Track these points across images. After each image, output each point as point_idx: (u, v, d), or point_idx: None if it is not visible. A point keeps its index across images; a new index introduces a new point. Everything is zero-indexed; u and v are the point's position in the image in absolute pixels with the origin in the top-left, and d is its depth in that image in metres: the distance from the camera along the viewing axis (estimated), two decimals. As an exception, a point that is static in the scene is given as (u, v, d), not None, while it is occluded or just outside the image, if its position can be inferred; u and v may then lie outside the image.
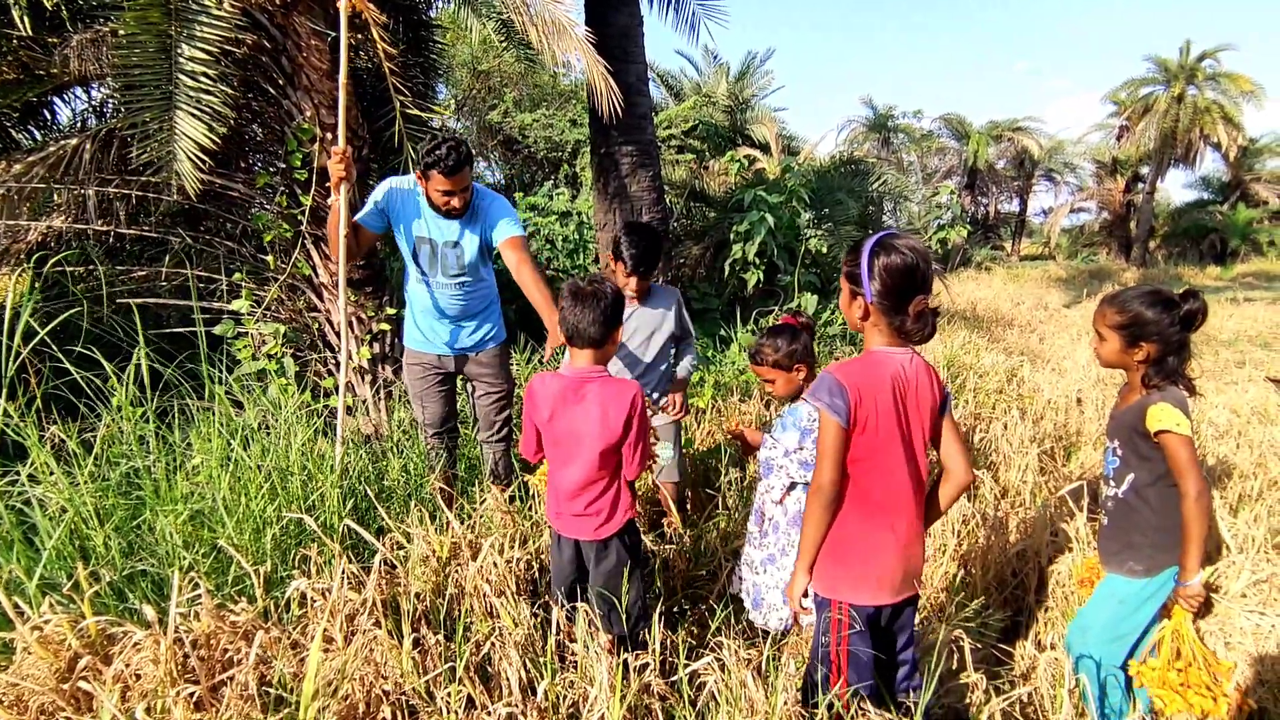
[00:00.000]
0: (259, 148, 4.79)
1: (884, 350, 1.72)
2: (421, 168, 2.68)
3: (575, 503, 2.06)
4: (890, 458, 1.71)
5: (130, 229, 4.54)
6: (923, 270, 1.63)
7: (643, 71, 5.58)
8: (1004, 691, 1.87)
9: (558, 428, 2.04)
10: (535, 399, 2.08)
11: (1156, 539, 1.96)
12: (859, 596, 1.76)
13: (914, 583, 1.80)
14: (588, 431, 2.00)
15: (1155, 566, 1.97)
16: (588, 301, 1.98)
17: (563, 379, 2.04)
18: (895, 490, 1.73)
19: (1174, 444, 1.87)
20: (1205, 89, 21.62)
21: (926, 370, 1.76)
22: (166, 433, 2.71)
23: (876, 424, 1.68)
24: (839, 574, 1.78)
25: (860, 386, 1.66)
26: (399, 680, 1.73)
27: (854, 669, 1.78)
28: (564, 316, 2.01)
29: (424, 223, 2.84)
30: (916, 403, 1.72)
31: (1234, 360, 7.44)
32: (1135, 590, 1.99)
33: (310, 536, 2.30)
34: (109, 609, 1.90)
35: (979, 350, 6.53)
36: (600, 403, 1.99)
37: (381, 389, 4.20)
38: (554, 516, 2.15)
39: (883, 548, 1.75)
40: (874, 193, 9.59)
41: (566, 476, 2.06)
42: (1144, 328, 1.91)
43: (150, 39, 3.51)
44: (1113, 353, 2.00)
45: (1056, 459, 4.12)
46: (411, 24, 5.34)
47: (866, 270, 1.65)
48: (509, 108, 11.02)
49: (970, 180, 25.44)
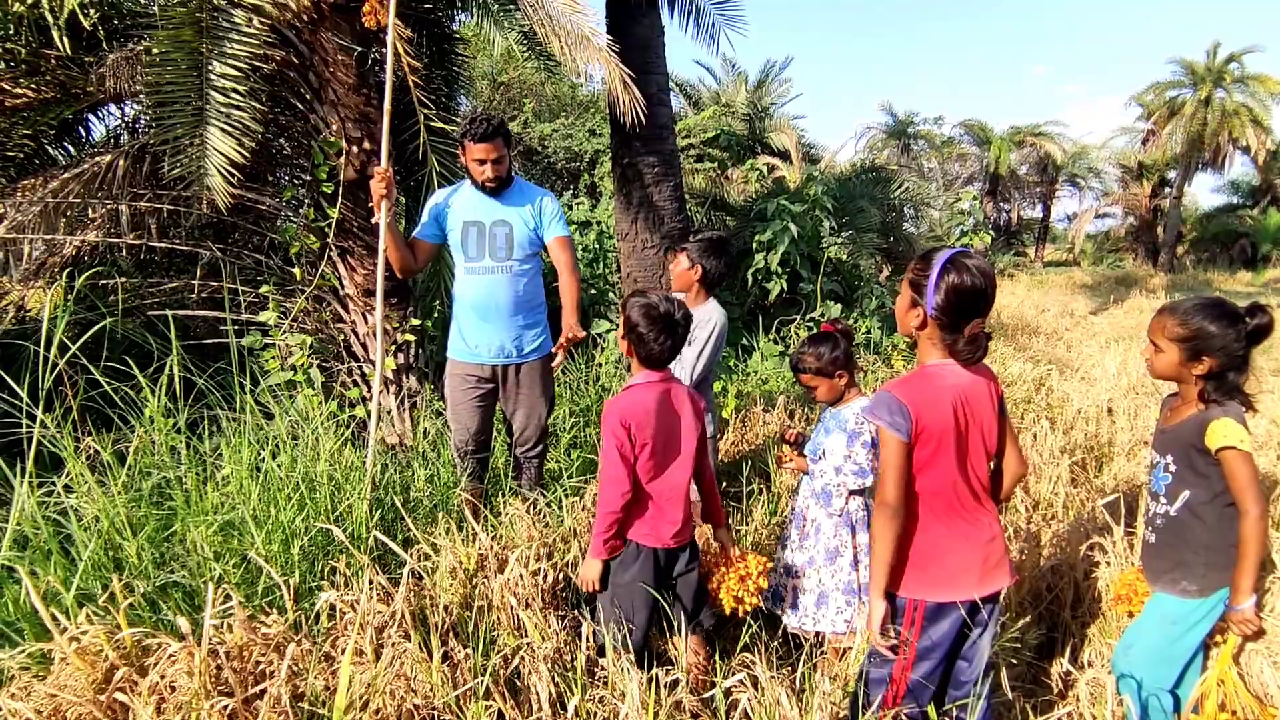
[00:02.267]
0: (286, 161, 4.86)
1: (940, 364, 1.73)
2: (459, 140, 2.96)
3: (682, 504, 2.12)
4: (952, 467, 1.73)
5: (161, 242, 4.61)
6: (989, 296, 1.66)
7: (664, 82, 5.59)
8: (1042, 711, 1.82)
9: (660, 437, 2.08)
10: (638, 417, 2.04)
11: (1211, 558, 1.90)
12: (939, 594, 1.77)
13: (1002, 576, 1.81)
14: (684, 430, 2.11)
15: (1209, 586, 1.92)
16: (665, 324, 2.04)
17: (651, 386, 2.09)
18: (962, 495, 1.76)
19: (1235, 461, 1.82)
20: (1233, 91, 21.26)
21: (985, 375, 1.79)
22: (197, 443, 2.74)
23: (938, 438, 1.70)
24: (928, 577, 1.78)
25: (919, 404, 1.69)
26: (429, 694, 1.73)
27: (921, 667, 1.78)
28: (642, 335, 2.04)
29: (470, 205, 3.02)
30: (976, 412, 1.75)
31: (1270, 369, 7.25)
32: (1187, 611, 1.94)
33: (339, 548, 2.31)
34: (143, 620, 1.91)
35: (1005, 359, 6.44)
36: (688, 402, 2.14)
37: (406, 399, 4.23)
38: (650, 532, 2.10)
39: (957, 549, 1.77)
40: (896, 200, 9.52)
41: (676, 481, 2.11)
42: (1208, 341, 1.85)
43: (182, 56, 3.58)
44: (1170, 365, 1.93)
45: (1089, 470, 4.04)
46: (434, 37, 5.40)
47: (934, 283, 1.66)
48: (529, 118, 11.10)
49: (992, 186, 25.17)
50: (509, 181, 3.04)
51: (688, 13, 6.16)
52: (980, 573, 1.77)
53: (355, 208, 4.17)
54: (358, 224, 4.18)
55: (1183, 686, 2.03)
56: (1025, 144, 24.83)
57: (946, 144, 24.54)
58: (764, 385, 5.17)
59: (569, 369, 4.69)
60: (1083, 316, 11.61)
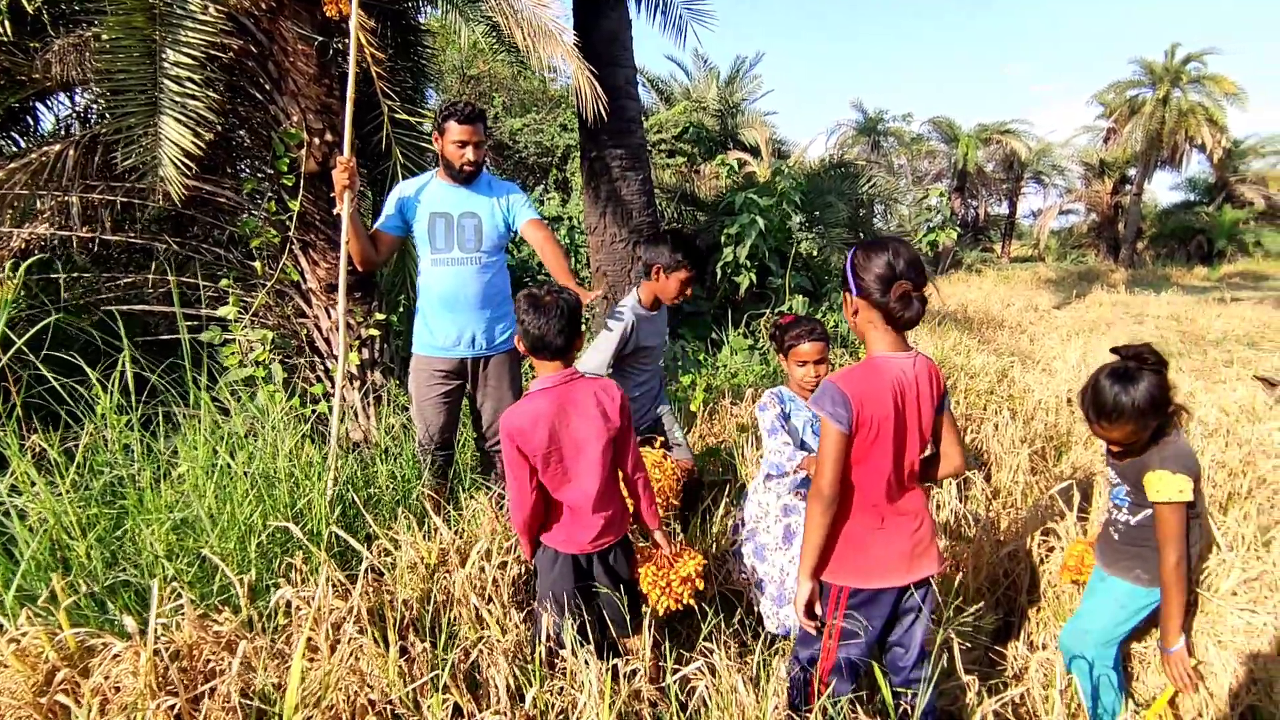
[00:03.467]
0: (246, 153, 4.76)
1: (884, 356, 1.76)
2: (438, 122, 2.90)
3: (595, 508, 1.98)
4: (885, 457, 1.76)
5: (115, 236, 4.49)
6: (901, 259, 1.70)
7: (631, 75, 5.58)
8: (997, 692, 1.86)
9: (563, 442, 1.94)
10: (525, 433, 1.90)
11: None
12: (874, 581, 1.80)
13: (929, 563, 1.84)
14: (591, 432, 1.95)
15: (1157, 578, 2.00)
16: (551, 311, 1.92)
17: (547, 392, 1.95)
18: (891, 485, 1.79)
19: (1165, 514, 1.94)
20: (1190, 91, 21.84)
21: (928, 371, 1.81)
22: (151, 441, 2.67)
23: (876, 428, 1.73)
24: (852, 565, 1.81)
25: (861, 395, 1.71)
26: (385, 689, 1.71)
27: (845, 648, 1.81)
28: (528, 328, 1.93)
29: (437, 196, 2.96)
30: (916, 404, 1.78)
31: (1222, 360, 7.48)
32: (1138, 596, 2.05)
33: (298, 545, 2.27)
34: (89, 621, 1.86)
35: (970, 351, 6.54)
36: (595, 400, 1.97)
37: (371, 395, 4.17)
38: (565, 538, 2.01)
39: (885, 538, 1.80)
40: (864, 195, 9.62)
41: (584, 486, 1.97)
42: (1149, 419, 1.94)
43: (134, 43, 3.48)
44: (1134, 442, 2.01)
45: (1048, 459, 4.13)
46: (400, 28, 5.32)
47: (850, 270, 1.76)
48: (499, 113, 11.01)
49: (960, 183, 25.58)
50: (478, 173, 3.01)
51: (655, 6, 6.15)
52: (907, 561, 1.81)
53: (317, 200, 4.10)
54: (320, 217, 4.11)
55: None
56: (992, 141, 25.28)
57: (915, 141, 24.87)
58: (733, 379, 5.19)
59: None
60: (1046, 311, 11.85)
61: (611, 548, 2.07)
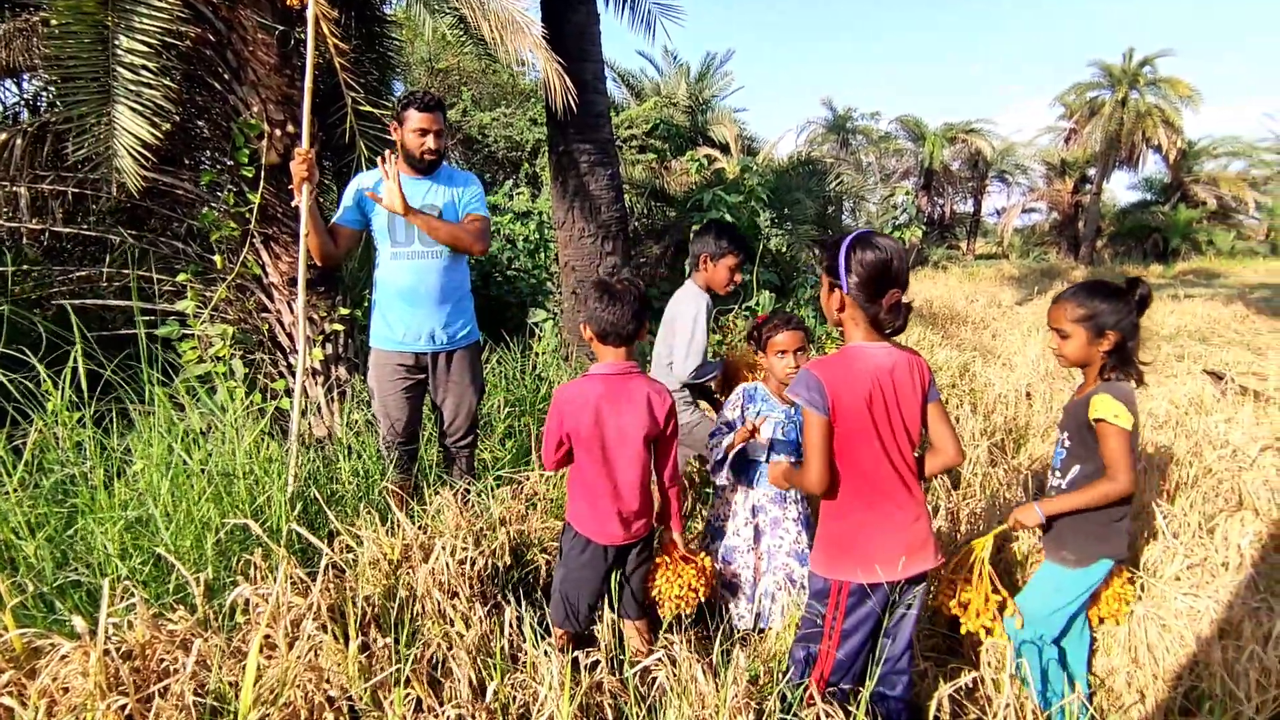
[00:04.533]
0: (205, 144, 4.65)
1: (861, 345, 1.77)
2: (397, 112, 2.87)
3: (634, 502, 2.06)
4: (872, 447, 1.76)
5: (67, 228, 4.36)
6: (897, 265, 1.71)
7: (599, 70, 5.56)
8: (951, 677, 1.91)
9: (608, 430, 2.01)
10: (572, 407, 2.01)
11: (1090, 529, 2.02)
12: (862, 576, 1.80)
13: (926, 558, 1.83)
14: (635, 426, 2.01)
15: (1086, 557, 2.04)
16: (623, 298, 1.99)
17: (606, 379, 2.03)
18: (884, 477, 1.78)
19: (1108, 433, 1.93)
20: (1147, 93, 22.46)
21: (909, 362, 1.81)
22: (104, 438, 2.61)
23: (856, 417, 1.73)
24: (848, 558, 1.82)
25: (835, 381, 1.72)
26: (344, 685, 1.70)
27: (846, 646, 1.83)
28: (599, 315, 2.00)
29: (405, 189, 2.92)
30: (897, 394, 1.77)
31: (1174, 354, 7.72)
32: (1067, 580, 2.06)
33: (256, 542, 2.23)
34: (36, 622, 1.82)
35: (933, 346, 6.67)
36: (646, 396, 2.03)
37: (334, 390, 4.12)
38: (600, 527, 2.07)
39: (880, 532, 1.80)
40: (832, 193, 9.73)
41: (624, 479, 2.04)
42: (1107, 316, 1.98)
43: (85, 29, 3.37)
44: (1079, 348, 2.04)
45: (1007, 451, 4.23)
46: (364, 19, 5.24)
47: (844, 263, 1.72)
48: (467, 106, 10.90)
49: (926, 181, 26.00)
50: (439, 162, 2.98)
51: (624, 1, 6.14)
52: (903, 555, 1.80)
53: (279, 193, 4.02)
54: (282, 210, 4.04)
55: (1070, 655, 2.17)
56: (958, 140, 25.73)
57: (884, 139, 25.19)
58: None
59: (504, 359, 4.65)
60: (1009, 307, 12.10)
61: (637, 542, 2.13)
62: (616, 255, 5.66)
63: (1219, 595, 2.35)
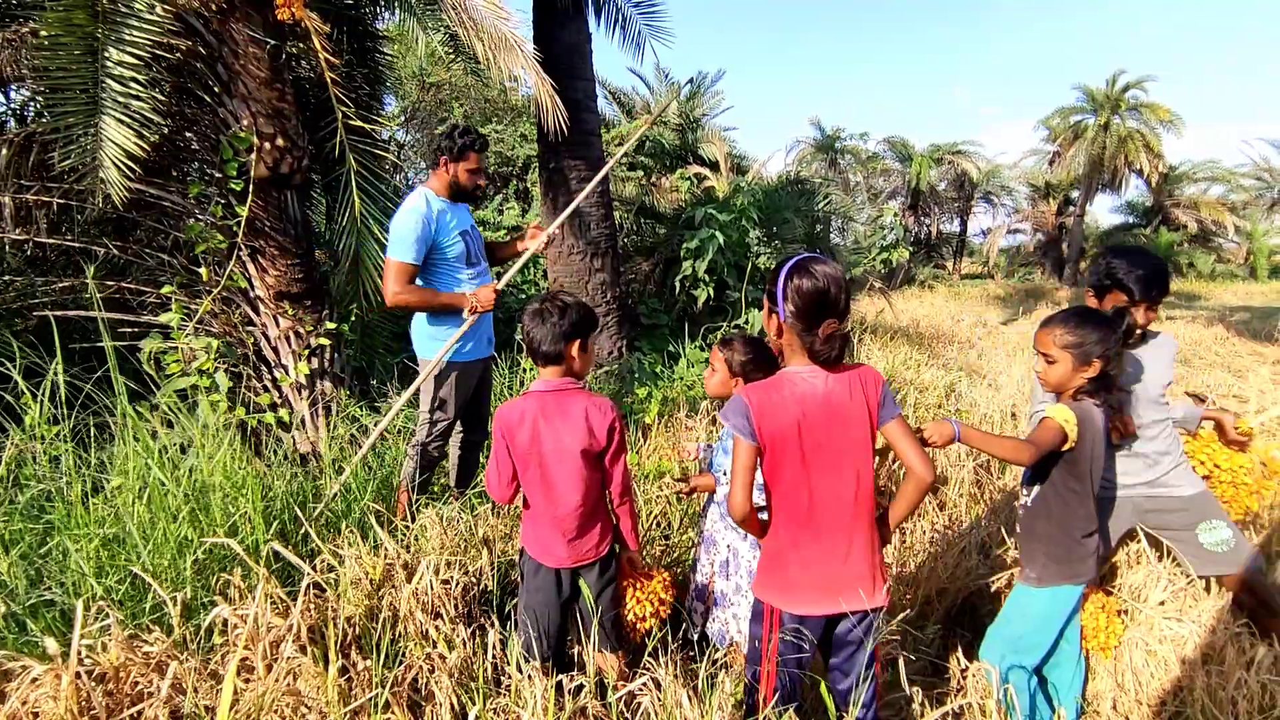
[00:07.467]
0: (193, 156, 4.62)
1: (795, 371, 1.73)
2: (454, 152, 2.98)
3: (574, 524, 2.02)
4: (799, 477, 1.71)
5: (52, 239, 4.32)
6: (834, 295, 1.65)
7: (590, 88, 5.61)
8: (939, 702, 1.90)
9: (545, 446, 1.99)
10: (509, 424, 2.00)
11: (1050, 549, 2.04)
12: (790, 605, 1.77)
13: (860, 596, 1.74)
14: (572, 442, 1.99)
15: (1048, 577, 2.04)
16: (546, 318, 2.01)
17: (540, 395, 2.02)
18: (820, 505, 1.72)
19: (1045, 423, 1.97)
20: (1129, 118, 22.87)
21: (849, 384, 1.71)
22: (82, 453, 2.57)
23: (780, 444, 1.68)
24: (772, 582, 1.80)
25: (761, 404, 1.68)
26: (323, 710, 1.66)
27: (781, 673, 1.80)
28: (525, 331, 2.04)
29: (456, 217, 3.09)
30: (831, 421, 1.69)
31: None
32: (1032, 600, 2.06)
33: (236, 561, 2.20)
34: (7, 643, 1.77)
35: (919, 365, 6.70)
36: (584, 410, 2.00)
37: (320, 405, 4.08)
38: (544, 549, 2.05)
39: (812, 561, 1.74)
40: (820, 212, 9.81)
41: (564, 499, 2.01)
42: (1095, 346, 2.00)
43: (75, 41, 3.36)
44: (1063, 374, 2.05)
45: (992, 472, 4.24)
46: (357, 34, 5.26)
47: (781, 290, 1.68)
48: (458, 121, 10.93)
49: (913, 201, 26.26)
50: None
51: (614, 20, 6.20)
52: (829, 590, 1.73)
53: (267, 206, 4.01)
54: (269, 223, 4.02)
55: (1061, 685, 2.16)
56: (944, 161, 26.04)
57: (871, 159, 25.46)
58: (689, 391, 5.22)
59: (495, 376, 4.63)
60: (995, 326, 12.21)
61: (592, 564, 2.09)
62: (605, 272, 5.67)
63: (1202, 620, 2.36)
